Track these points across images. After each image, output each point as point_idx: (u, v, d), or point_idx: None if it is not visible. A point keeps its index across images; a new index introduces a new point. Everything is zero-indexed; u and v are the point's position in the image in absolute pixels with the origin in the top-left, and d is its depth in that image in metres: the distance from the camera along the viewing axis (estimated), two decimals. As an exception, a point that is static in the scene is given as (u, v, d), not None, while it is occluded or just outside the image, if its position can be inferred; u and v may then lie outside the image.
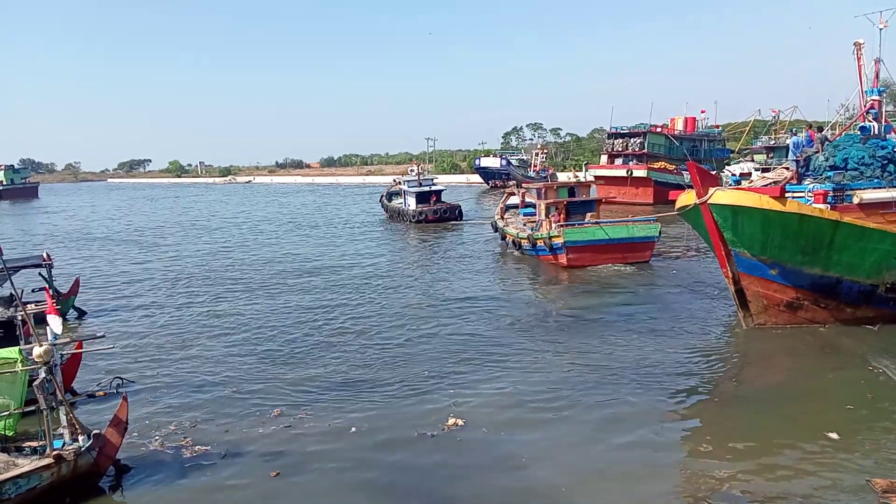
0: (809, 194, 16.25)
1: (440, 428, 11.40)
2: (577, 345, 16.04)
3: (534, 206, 32.67)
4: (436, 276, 26.54)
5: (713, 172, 22.84)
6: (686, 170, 18.78)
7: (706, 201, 15.66)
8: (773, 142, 55.48)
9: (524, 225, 31.55)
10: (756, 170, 35.09)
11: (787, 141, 30.72)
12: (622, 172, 54.89)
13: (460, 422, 11.58)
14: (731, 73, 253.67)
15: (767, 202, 15.13)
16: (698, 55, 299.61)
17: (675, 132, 59.02)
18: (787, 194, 15.73)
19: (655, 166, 53.54)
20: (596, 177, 58.40)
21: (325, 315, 19.76)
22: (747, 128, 73.73)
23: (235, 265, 30.48)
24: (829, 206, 15.77)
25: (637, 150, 55.79)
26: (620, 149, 57.44)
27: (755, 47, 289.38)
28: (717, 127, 68.07)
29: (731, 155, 64.16)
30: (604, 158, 59.79)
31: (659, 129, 57.88)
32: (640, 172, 53.79)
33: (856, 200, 15.90)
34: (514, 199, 36.84)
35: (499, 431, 11.23)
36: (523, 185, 35.60)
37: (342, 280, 25.63)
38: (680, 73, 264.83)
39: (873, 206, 15.82)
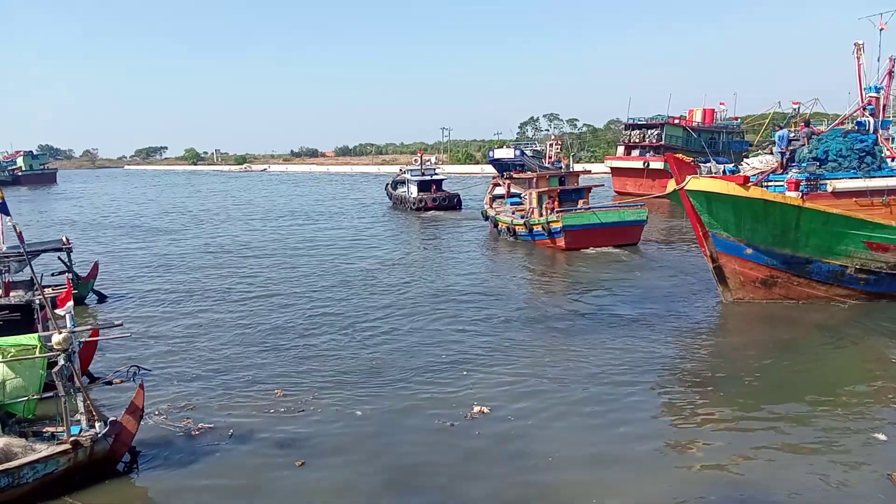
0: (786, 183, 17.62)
1: (463, 416, 11.37)
2: (585, 333, 16.13)
3: (519, 195, 35.20)
4: (440, 263, 26.99)
5: (731, 165, 23.14)
6: (703, 162, 19.53)
7: (683, 188, 17.54)
8: (792, 134, 54.56)
9: (513, 213, 33.53)
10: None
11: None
12: (639, 164, 54.36)
13: (486, 409, 11.54)
14: (752, 65, 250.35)
15: (734, 189, 16.90)
16: (718, 47, 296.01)
17: (693, 124, 58.24)
18: (768, 183, 17.89)
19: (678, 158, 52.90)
20: (612, 168, 58.07)
21: (334, 303, 19.82)
22: (766, 120, 72.68)
23: (249, 253, 30.71)
24: (801, 193, 17.12)
25: (654, 141, 55.21)
26: (637, 140, 56.89)
27: (776, 39, 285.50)
28: (736, 119, 67.05)
29: (750, 147, 63.27)
30: (620, 150, 59.23)
31: (677, 121, 57.15)
32: (657, 164, 53.26)
33: (830, 189, 17.22)
34: (500, 190, 38.62)
35: (525, 421, 11.17)
36: (514, 175, 36.66)
37: (350, 269, 25.77)
38: (699, 65, 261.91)
39: (847, 195, 17.15)
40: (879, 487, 8.80)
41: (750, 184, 17.15)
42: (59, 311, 10.03)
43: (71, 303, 10.07)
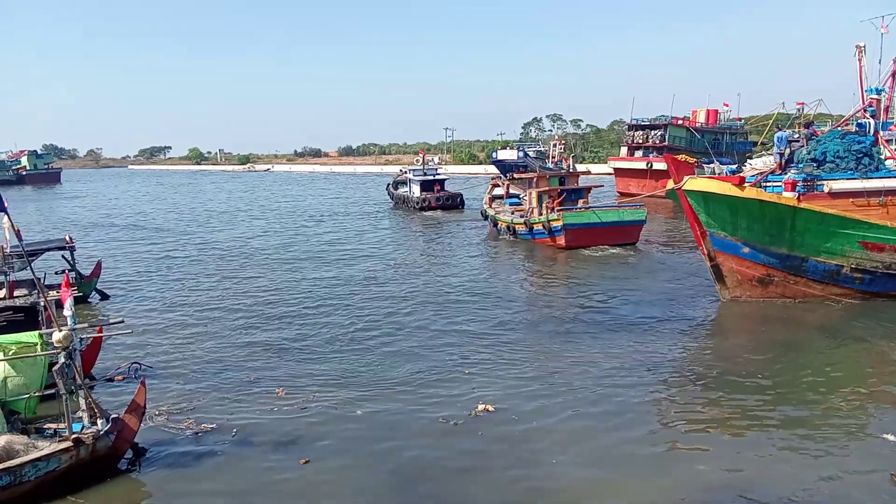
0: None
1: (467, 415, 11.35)
2: (586, 334, 16.12)
3: (518, 195, 35.86)
4: (442, 263, 27.12)
5: (734, 165, 23.30)
6: (707, 163, 19.70)
7: (681, 188, 17.91)
8: (795, 135, 54.31)
9: (512, 213, 34.10)
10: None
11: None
12: (642, 165, 54.26)
13: (490, 407, 11.54)
14: (753, 65, 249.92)
15: (729, 189, 17.18)
16: (719, 47, 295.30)
17: (697, 125, 58.12)
18: (767, 184, 18.20)
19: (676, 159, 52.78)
20: (615, 169, 57.92)
21: (336, 303, 19.82)
22: (770, 121, 72.39)
23: (251, 253, 30.78)
24: (797, 194, 17.25)
25: (657, 142, 55.10)
26: (640, 141, 56.79)
27: (776, 39, 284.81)
28: (740, 120, 66.88)
29: (754, 148, 63.07)
30: (623, 150, 59.10)
31: (680, 122, 57.05)
32: (660, 165, 53.12)
33: (826, 189, 17.43)
34: (499, 190, 39.14)
35: (528, 421, 11.17)
36: (515, 176, 37.01)
37: (352, 269, 25.80)
38: (700, 65, 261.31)
39: (843, 196, 17.33)
40: (885, 488, 8.77)
41: (747, 184, 17.38)
42: (65, 310, 10.05)
43: (71, 300, 10.09)
